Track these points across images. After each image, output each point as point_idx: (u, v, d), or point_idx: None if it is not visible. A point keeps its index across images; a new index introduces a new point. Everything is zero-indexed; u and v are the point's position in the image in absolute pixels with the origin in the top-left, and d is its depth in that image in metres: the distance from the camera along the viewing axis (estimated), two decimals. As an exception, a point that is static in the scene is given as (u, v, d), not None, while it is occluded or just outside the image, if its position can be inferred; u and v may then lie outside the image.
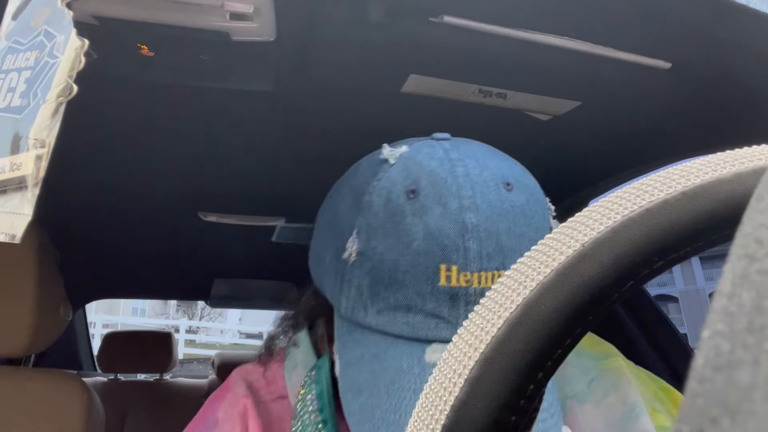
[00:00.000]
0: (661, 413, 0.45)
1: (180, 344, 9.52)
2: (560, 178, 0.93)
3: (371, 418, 0.33)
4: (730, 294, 0.09)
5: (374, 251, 0.35)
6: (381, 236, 0.36)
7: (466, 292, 0.34)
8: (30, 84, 0.26)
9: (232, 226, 1.19)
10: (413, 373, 0.34)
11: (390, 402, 0.33)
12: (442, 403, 0.17)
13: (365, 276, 0.36)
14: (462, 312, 0.34)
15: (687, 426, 0.08)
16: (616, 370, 0.47)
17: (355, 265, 0.36)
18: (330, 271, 0.39)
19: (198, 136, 0.76)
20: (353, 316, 0.37)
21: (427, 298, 0.34)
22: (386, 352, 0.35)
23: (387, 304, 0.35)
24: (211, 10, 0.45)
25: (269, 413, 0.46)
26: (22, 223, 0.24)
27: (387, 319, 0.35)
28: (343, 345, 0.38)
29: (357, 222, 0.37)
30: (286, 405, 0.46)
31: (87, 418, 0.84)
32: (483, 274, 0.34)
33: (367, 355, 0.36)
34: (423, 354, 0.34)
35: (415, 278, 0.34)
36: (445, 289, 0.34)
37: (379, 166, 0.39)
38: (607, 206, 0.18)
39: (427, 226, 0.35)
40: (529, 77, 0.58)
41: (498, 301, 0.18)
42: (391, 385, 0.34)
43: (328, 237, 0.40)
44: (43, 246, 0.86)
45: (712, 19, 0.47)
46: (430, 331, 0.34)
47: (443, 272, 0.34)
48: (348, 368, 0.36)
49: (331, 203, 0.43)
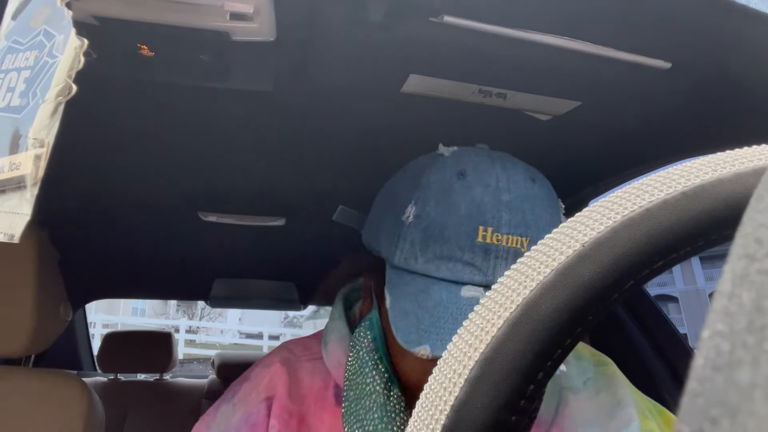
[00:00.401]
0: (652, 421, 0.52)
1: (180, 344, 9.52)
2: (560, 178, 0.92)
3: (416, 331, 0.44)
4: (730, 294, 0.09)
5: (428, 215, 0.47)
6: (434, 204, 0.47)
7: (496, 248, 0.45)
8: (29, 84, 0.26)
9: (232, 226, 1.19)
10: (451, 302, 0.44)
11: (431, 320, 0.44)
12: (442, 403, 0.17)
13: (419, 233, 0.47)
14: (491, 263, 0.45)
15: (687, 426, 0.08)
16: (611, 375, 0.56)
17: (412, 224, 0.47)
18: (388, 231, 0.50)
19: (198, 136, 0.75)
20: (405, 264, 0.47)
21: (466, 250, 0.45)
22: (430, 288, 0.46)
23: (434, 254, 0.46)
24: (211, 10, 0.45)
25: (301, 369, 0.57)
26: (21, 222, 0.24)
27: (433, 266, 0.46)
28: (394, 286, 0.48)
29: (415, 195, 0.49)
30: (318, 365, 0.58)
31: (87, 418, 0.84)
32: (510, 237, 0.45)
33: (414, 290, 0.46)
34: (459, 291, 0.45)
35: (458, 235, 0.45)
36: (481, 244, 0.45)
37: (436, 158, 0.51)
38: (607, 206, 0.18)
39: (472, 198, 0.46)
40: (529, 77, 0.58)
41: (498, 301, 0.17)
42: (433, 309, 0.44)
43: (388, 207, 0.52)
44: (43, 246, 0.86)
45: (712, 19, 0.47)
46: (466, 276, 0.45)
47: (480, 232, 0.45)
48: (397, 301, 0.46)
49: (390, 186, 0.55)
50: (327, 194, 0.99)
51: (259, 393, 0.56)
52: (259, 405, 0.55)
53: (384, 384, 0.50)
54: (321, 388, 0.56)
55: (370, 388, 0.50)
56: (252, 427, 0.54)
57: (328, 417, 0.54)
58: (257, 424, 0.54)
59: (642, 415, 0.52)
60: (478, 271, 0.45)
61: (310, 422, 0.54)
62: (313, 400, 0.56)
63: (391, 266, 0.49)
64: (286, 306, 2.29)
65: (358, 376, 0.51)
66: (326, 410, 0.55)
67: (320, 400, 0.56)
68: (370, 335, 0.52)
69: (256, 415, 0.54)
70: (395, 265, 0.48)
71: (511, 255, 0.45)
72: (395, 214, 0.50)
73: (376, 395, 0.49)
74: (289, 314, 15.23)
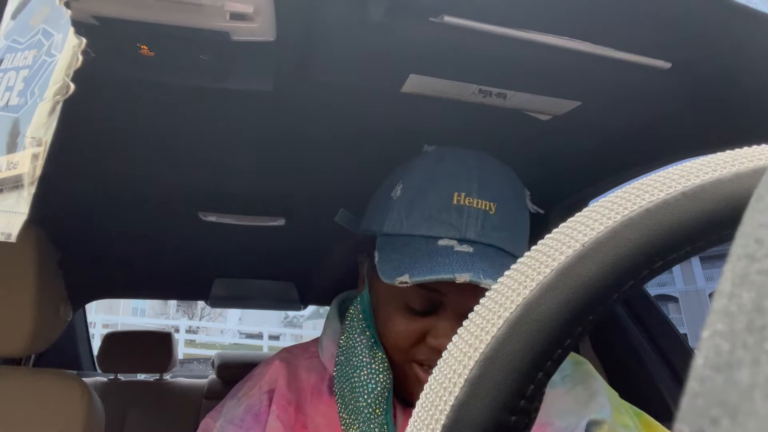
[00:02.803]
0: (627, 417, 0.57)
1: (180, 344, 9.51)
2: (560, 178, 0.92)
3: (398, 268, 0.51)
4: (730, 294, 0.09)
5: (412, 187, 0.56)
6: (418, 178, 0.57)
7: (468, 209, 0.54)
8: (28, 82, 0.26)
9: (232, 226, 1.19)
10: (429, 247, 0.52)
11: (411, 259, 0.52)
12: (442, 403, 0.17)
13: (405, 203, 0.56)
14: (464, 220, 0.53)
15: (687, 426, 0.08)
16: (587, 372, 0.62)
17: (399, 197, 0.57)
18: (380, 208, 0.59)
19: (198, 136, 0.75)
20: (393, 230, 0.56)
21: (443, 211, 0.54)
22: (412, 241, 0.54)
23: (417, 217, 0.54)
24: (211, 10, 0.45)
25: (299, 366, 0.64)
26: (18, 221, 0.24)
27: (415, 226, 0.54)
28: (382, 247, 0.56)
29: (402, 177, 0.58)
30: (315, 362, 0.64)
31: (87, 418, 0.84)
32: (480, 201, 0.54)
33: (399, 245, 0.54)
34: (436, 242, 0.53)
35: (437, 200, 0.54)
36: (455, 206, 0.54)
37: (420, 153, 0.61)
38: (607, 206, 0.18)
39: (449, 172, 0.56)
40: (529, 77, 0.58)
41: (498, 301, 0.17)
42: (413, 253, 0.52)
43: (381, 193, 0.62)
44: (43, 246, 0.86)
45: (712, 19, 0.47)
46: (443, 231, 0.53)
47: (455, 196, 0.54)
48: (386, 254, 0.54)
49: (382, 184, 0.64)
50: (327, 194, 0.99)
51: (261, 387, 0.62)
52: (262, 397, 0.61)
53: (370, 347, 0.57)
54: (317, 381, 0.62)
55: (359, 350, 0.57)
56: (255, 417, 0.59)
57: (323, 407, 0.60)
58: (259, 413, 0.60)
59: (616, 410, 0.57)
60: (452, 227, 0.53)
61: (306, 411, 0.60)
62: (310, 392, 0.61)
63: (381, 235, 0.57)
64: (286, 306, 2.29)
65: (348, 341, 0.59)
66: (322, 401, 0.60)
67: (316, 392, 0.61)
68: (360, 307, 0.60)
69: (258, 407, 0.60)
70: (384, 233, 0.57)
71: (480, 215, 0.53)
72: (386, 195, 0.59)
73: (362, 356, 0.57)
74: (289, 314, 15.24)
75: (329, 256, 1.44)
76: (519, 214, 0.57)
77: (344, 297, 0.70)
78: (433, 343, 0.53)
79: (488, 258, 0.51)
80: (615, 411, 0.57)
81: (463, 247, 0.52)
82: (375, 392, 0.55)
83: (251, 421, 0.59)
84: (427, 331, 0.54)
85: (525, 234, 0.58)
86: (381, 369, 0.56)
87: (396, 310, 0.55)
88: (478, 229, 0.53)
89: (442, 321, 0.53)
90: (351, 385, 0.56)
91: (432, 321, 0.54)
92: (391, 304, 0.55)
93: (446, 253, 0.51)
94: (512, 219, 0.55)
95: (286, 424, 0.58)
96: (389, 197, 0.58)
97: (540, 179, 0.92)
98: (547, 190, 0.98)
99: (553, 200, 1.04)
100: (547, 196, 1.01)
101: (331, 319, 0.66)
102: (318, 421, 0.59)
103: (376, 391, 0.55)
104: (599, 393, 0.58)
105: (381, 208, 0.59)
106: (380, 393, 0.55)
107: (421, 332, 0.54)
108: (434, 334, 0.53)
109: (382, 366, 0.56)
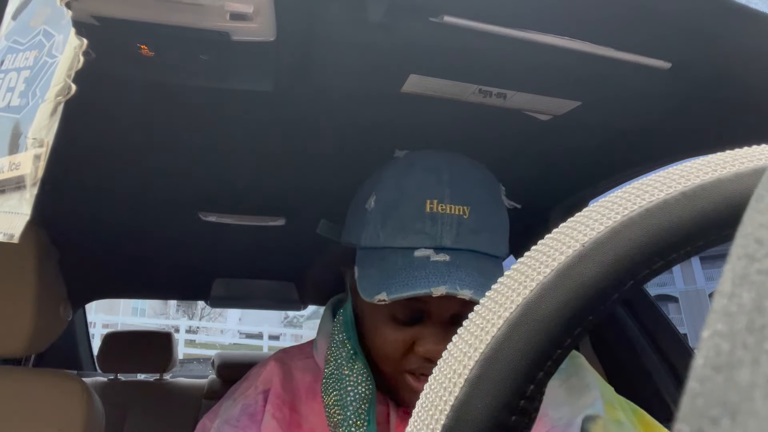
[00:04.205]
0: (619, 412, 0.57)
1: (180, 344, 9.51)
2: (560, 178, 0.92)
3: (376, 285, 0.52)
4: (730, 294, 0.09)
5: (385, 198, 0.56)
6: (390, 189, 0.56)
7: (441, 216, 0.53)
8: (29, 83, 0.26)
9: (232, 226, 1.19)
10: (405, 261, 0.52)
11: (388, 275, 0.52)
12: (442, 403, 0.17)
13: (379, 215, 0.55)
14: (439, 228, 0.53)
15: (687, 426, 0.08)
16: (580, 364, 0.62)
17: (373, 209, 0.56)
18: (356, 221, 0.59)
19: (198, 136, 0.75)
20: (369, 242, 0.56)
21: (417, 220, 0.53)
22: (388, 255, 0.54)
23: (392, 229, 0.54)
24: (211, 10, 0.45)
25: (294, 367, 0.65)
26: (21, 222, 0.24)
27: (391, 238, 0.54)
28: (361, 261, 0.56)
29: (374, 188, 0.58)
30: (310, 363, 0.65)
31: (87, 418, 0.84)
32: (452, 206, 0.53)
33: (377, 259, 0.54)
34: (412, 253, 0.53)
35: (410, 209, 0.54)
36: (428, 214, 0.53)
37: (391, 160, 0.61)
38: (607, 206, 0.18)
39: (419, 180, 0.55)
40: (529, 77, 0.58)
41: (498, 301, 0.17)
42: (390, 268, 0.53)
43: (355, 206, 0.62)
44: (43, 246, 0.86)
45: (712, 19, 0.47)
46: (418, 241, 0.53)
47: (428, 204, 0.53)
48: (364, 271, 0.55)
49: (357, 193, 0.64)
50: (327, 194, 0.99)
51: (256, 387, 0.63)
52: (257, 397, 0.62)
53: (349, 358, 0.58)
54: (312, 381, 0.63)
55: (339, 362, 0.58)
56: (250, 417, 0.60)
57: (318, 407, 0.60)
58: (255, 413, 0.60)
59: (609, 404, 0.58)
60: (427, 236, 0.53)
61: (301, 411, 0.61)
62: (305, 392, 0.62)
63: (360, 248, 0.58)
64: (286, 306, 2.29)
65: (330, 354, 0.60)
66: (317, 401, 0.61)
67: (311, 391, 0.62)
68: (342, 319, 0.61)
69: (254, 406, 0.61)
70: (363, 247, 0.57)
71: (454, 221, 0.53)
72: (361, 208, 0.59)
73: (342, 368, 0.58)
74: (289, 314, 15.23)
75: (329, 256, 1.44)
76: (495, 214, 0.57)
77: (339, 299, 0.71)
78: (421, 351, 0.53)
79: (465, 265, 0.51)
80: (608, 406, 0.57)
81: (440, 256, 0.52)
82: (353, 405, 0.55)
83: (247, 421, 0.60)
84: (415, 339, 0.54)
85: (504, 232, 0.58)
86: (360, 380, 0.56)
87: (382, 322, 0.55)
88: (454, 236, 0.52)
89: (428, 328, 0.53)
90: (333, 398, 0.57)
91: (419, 330, 0.54)
92: (377, 316, 0.56)
93: (422, 265, 0.51)
94: (488, 220, 0.55)
95: (282, 422, 0.59)
96: (364, 209, 0.58)
97: (540, 179, 0.92)
98: (547, 190, 0.98)
99: (553, 200, 1.04)
100: (547, 196, 1.01)
101: (325, 321, 0.67)
102: (312, 420, 0.60)
103: (354, 404, 0.55)
104: (593, 386, 0.59)
105: (357, 221, 0.59)
106: (359, 406, 0.55)
107: (410, 341, 0.54)
108: (422, 342, 0.53)
109: (361, 377, 0.56)
